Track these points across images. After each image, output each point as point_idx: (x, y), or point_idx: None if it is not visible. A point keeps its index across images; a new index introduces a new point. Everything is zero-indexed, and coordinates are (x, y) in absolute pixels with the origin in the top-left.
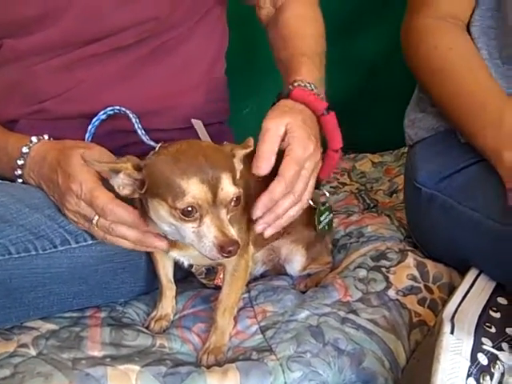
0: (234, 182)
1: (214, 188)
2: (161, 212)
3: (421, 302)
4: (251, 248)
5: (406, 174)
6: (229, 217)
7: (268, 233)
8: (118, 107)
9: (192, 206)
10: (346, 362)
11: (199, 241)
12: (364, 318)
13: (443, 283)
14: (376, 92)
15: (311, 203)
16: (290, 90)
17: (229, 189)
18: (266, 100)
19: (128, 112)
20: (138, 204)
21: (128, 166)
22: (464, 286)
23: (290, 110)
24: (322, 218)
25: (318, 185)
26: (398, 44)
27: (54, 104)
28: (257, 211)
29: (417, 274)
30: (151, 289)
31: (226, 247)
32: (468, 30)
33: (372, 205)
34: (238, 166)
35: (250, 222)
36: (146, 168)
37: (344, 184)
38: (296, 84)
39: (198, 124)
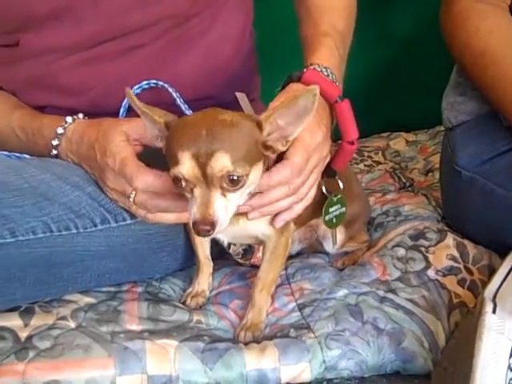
0: (238, 161)
1: (203, 164)
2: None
3: (460, 283)
4: (292, 226)
5: (444, 157)
6: (229, 196)
7: (251, 216)
8: (154, 80)
9: (179, 178)
10: (386, 342)
11: (190, 211)
12: (403, 298)
13: (483, 265)
14: (411, 70)
15: (324, 191)
16: (302, 73)
17: (218, 167)
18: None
19: (166, 85)
20: None
21: (161, 121)
22: (505, 267)
23: None
24: (330, 209)
25: (333, 173)
26: (434, 21)
27: (76, 101)
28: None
29: (457, 254)
30: (187, 266)
31: (198, 225)
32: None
33: (408, 184)
34: (279, 135)
35: None
36: (169, 129)
37: (378, 163)
38: (312, 67)
39: (241, 97)
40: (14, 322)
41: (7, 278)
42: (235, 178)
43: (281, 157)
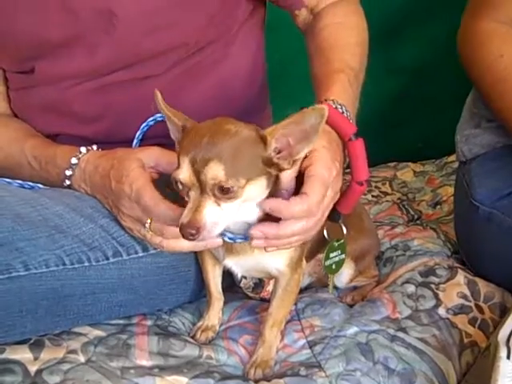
0: (232, 171)
1: (197, 171)
2: None
3: (471, 322)
4: (304, 263)
5: (459, 191)
6: (224, 205)
7: (257, 244)
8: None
9: (177, 181)
10: (397, 382)
11: None
12: (414, 337)
13: (494, 303)
14: (418, 100)
15: (325, 235)
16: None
17: (211, 175)
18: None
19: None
20: None
21: (179, 125)
22: None
23: None
24: (331, 255)
25: (337, 217)
26: (442, 51)
27: (89, 129)
28: (263, 205)
29: (467, 292)
30: (196, 299)
31: (184, 228)
32: None
33: (416, 216)
34: (285, 153)
35: None
36: (183, 131)
37: (385, 193)
38: (327, 102)
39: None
40: (23, 355)
41: (19, 311)
42: (226, 187)
43: (299, 184)
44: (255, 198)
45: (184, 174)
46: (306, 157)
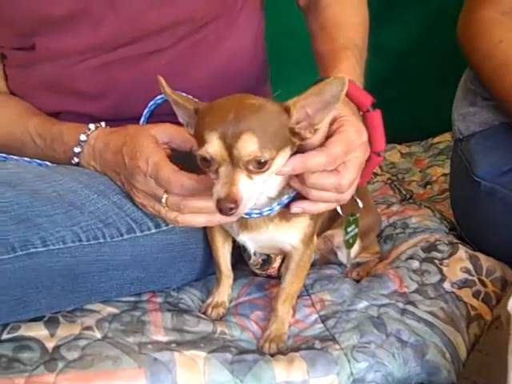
0: (264, 145)
1: (229, 146)
2: None
3: (475, 295)
4: (315, 239)
5: (458, 168)
6: (255, 178)
7: (294, 210)
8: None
9: (206, 158)
10: (410, 354)
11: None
12: (423, 310)
13: (496, 277)
14: (402, 81)
15: (339, 210)
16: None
17: (245, 150)
18: (295, 87)
19: (190, 97)
20: None
21: (191, 108)
22: None
23: None
24: (348, 229)
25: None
26: (426, 31)
27: (93, 106)
28: (284, 167)
29: (470, 266)
30: (202, 277)
31: (222, 203)
32: None
33: (408, 196)
34: (306, 123)
35: (318, 214)
36: (197, 113)
37: (375, 174)
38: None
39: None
40: (39, 332)
41: (35, 287)
42: (262, 161)
43: None
44: (280, 168)
45: (215, 148)
46: (334, 121)
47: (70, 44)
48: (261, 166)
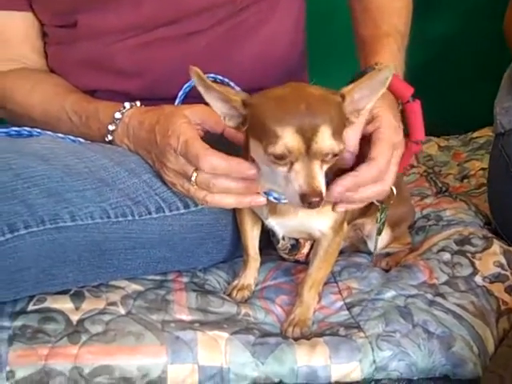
0: (335, 135)
1: (308, 139)
2: (258, 152)
3: (508, 290)
4: (346, 226)
5: (498, 162)
6: (325, 168)
7: (339, 209)
8: (213, 75)
9: (280, 153)
10: (436, 345)
11: (286, 186)
12: (452, 303)
13: None
14: (441, 74)
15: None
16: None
17: (325, 143)
18: (332, 75)
19: (226, 80)
20: (243, 144)
21: (238, 99)
22: None
23: None
24: (381, 217)
25: None
26: (469, 24)
27: (130, 85)
28: (335, 190)
29: (504, 261)
30: (229, 259)
31: (309, 197)
32: None
33: (444, 189)
34: (353, 108)
35: None
36: (250, 107)
37: (412, 166)
38: (379, 66)
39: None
40: (64, 304)
41: (63, 261)
42: (337, 152)
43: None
44: None
45: (293, 144)
46: (371, 120)
47: (111, 22)
48: (335, 156)
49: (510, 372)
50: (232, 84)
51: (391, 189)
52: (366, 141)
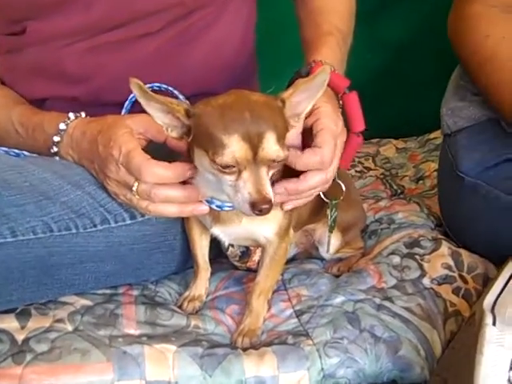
0: (280, 141)
1: (254, 146)
2: (203, 161)
3: (455, 292)
4: (292, 232)
5: (444, 163)
6: (271, 173)
7: (286, 207)
8: (157, 84)
9: (228, 163)
10: (383, 350)
11: (235, 194)
12: (399, 306)
13: (478, 274)
14: (400, 76)
15: (322, 196)
16: (310, 67)
17: (271, 149)
18: (284, 80)
19: (170, 88)
20: (186, 152)
21: (180, 110)
22: (503, 277)
23: None
24: (331, 213)
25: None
26: (423, 27)
27: (79, 90)
28: (278, 192)
29: (451, 263)
30: (181, 270)
31: (259, 205)
32: None
33: (399, 191)
34: (292, 113)
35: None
36: (194, 117)
37: (369, 169)
38: (319, 61)
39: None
40: (10, 323)
41: (5, 279)
42: (282, 157)
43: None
44: None
45: (241, 152)
46: (310, 114)
47: (60, 26)
48: (280, 162)
49: (452, 374)
50: (176, 92)
51: (339, 184)
52: (308, 133)
